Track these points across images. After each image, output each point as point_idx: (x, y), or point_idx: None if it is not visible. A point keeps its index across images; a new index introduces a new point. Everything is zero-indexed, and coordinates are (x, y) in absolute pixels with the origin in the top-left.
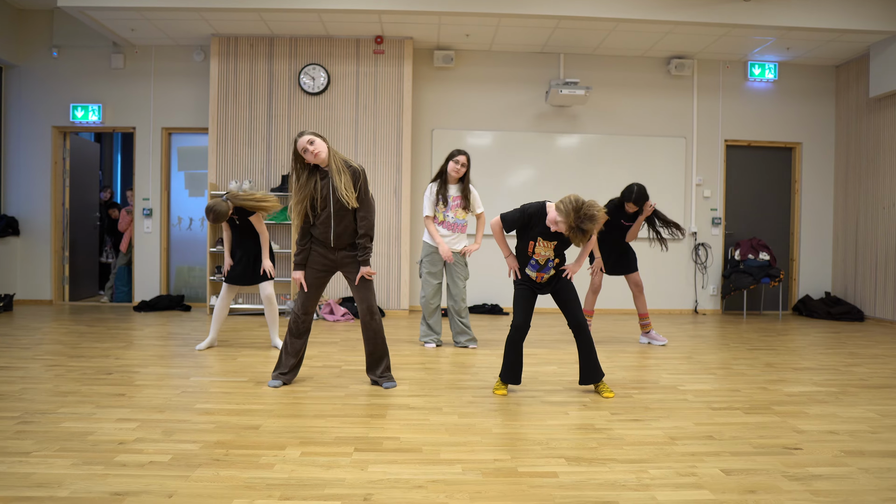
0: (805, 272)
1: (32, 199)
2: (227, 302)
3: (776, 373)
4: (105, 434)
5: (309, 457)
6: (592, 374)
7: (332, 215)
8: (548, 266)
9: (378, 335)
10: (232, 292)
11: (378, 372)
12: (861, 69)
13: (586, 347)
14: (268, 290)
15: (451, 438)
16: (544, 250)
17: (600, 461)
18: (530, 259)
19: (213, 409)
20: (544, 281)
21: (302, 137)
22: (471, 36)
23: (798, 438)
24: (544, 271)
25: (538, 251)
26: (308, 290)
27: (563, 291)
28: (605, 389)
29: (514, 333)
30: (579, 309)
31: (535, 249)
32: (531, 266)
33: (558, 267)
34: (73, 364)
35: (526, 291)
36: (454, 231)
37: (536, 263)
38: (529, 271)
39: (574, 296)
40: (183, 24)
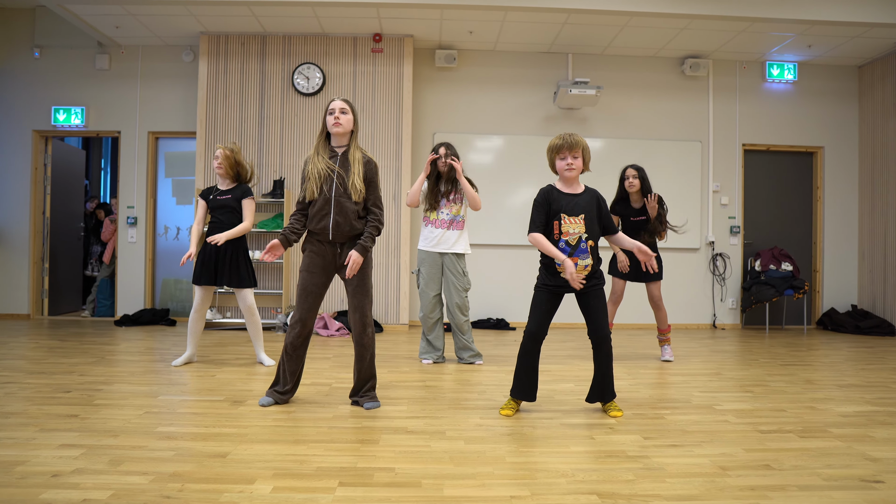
0: (829, 284)
1: (10, 207)
2: (203, 310)
3: (820, 390)
4: (39, 464)
5: (282, 493)
6: (605, 393)
7: (333, 201)
8: (581, 246)
9: (368, 352)
10: (206, 298)
11: (360, 392)
12: (886, 68)
13: (605, 362)
14: (248, 299)
15: (456, 470)
16: (572, 227)
17: (641, 498)
18: (559, 243)
19: (175, 434)
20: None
21: (336, 101)
22: (474, 34)
23: (874, 469)
24: (579, 254)
25: (565, 230)
26: (307, 299)
27: (591, 297)
28: (614, 408)
29: (527, 342)
30: (605, 319)
31: (561, 229)
32: (562, 251)
33: (594, 251)
34: (29, 381)
35: (546, 296)
36: (450, 228)
37: (567, 245)
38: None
39: (603, 304)
40: (170, 21)
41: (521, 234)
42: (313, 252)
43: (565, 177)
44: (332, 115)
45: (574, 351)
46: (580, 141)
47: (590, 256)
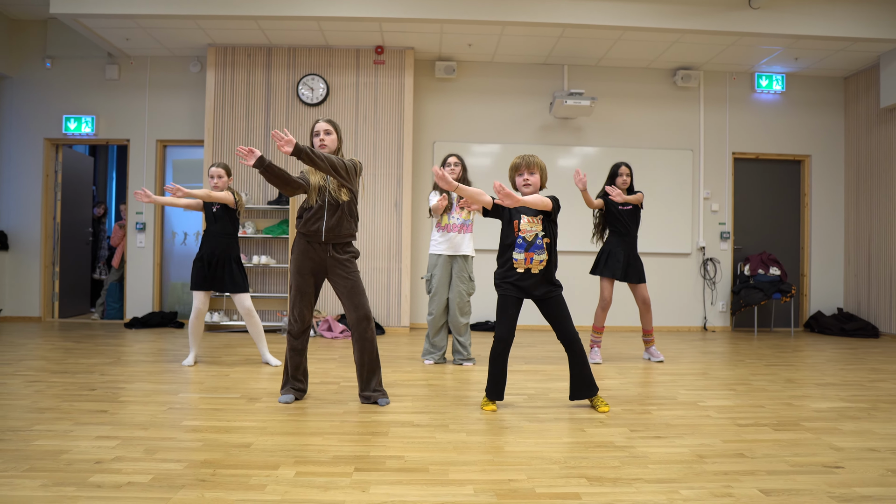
0: (816, 288)
1: (22, 212)
2: (202, 313)
3: (799, 389)
4: (81, 453)
5: (304, 477)
6: (586, 389)
7: (326, 207)
8: (537, 242)
9: (372, 347)
10: (204, 302)
11: (371, 387)
12: (870, 80)
13: (578, 361)
14: (245, 302)
15: (459, 457)
16: (530, 226)
17: (625, 481)
18: (517, 239)
19: (201, 427)
20: (535, 270)
21: (320, 122)
22: (473, 46)
23: (837, 456)
24: (534, 250)
25: (524, 227)
26: (302, 298)
27: (553, 306)
28: (601, 403)
29: (498, 346)
30: (570, 322)
31: (520, 227)
32: (518, 247)
33: (549, 248)
34: (55, 380)
35: (510, 299)
36: (461, 232)
37: (524, 241)
38: (517, 254)
39: (564, 311)
40: (179, 34)
41: None
42: (303, 254)
43: (523, 192)
44: (318, 137)
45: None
46: (538, 161)
47: (545, 252)
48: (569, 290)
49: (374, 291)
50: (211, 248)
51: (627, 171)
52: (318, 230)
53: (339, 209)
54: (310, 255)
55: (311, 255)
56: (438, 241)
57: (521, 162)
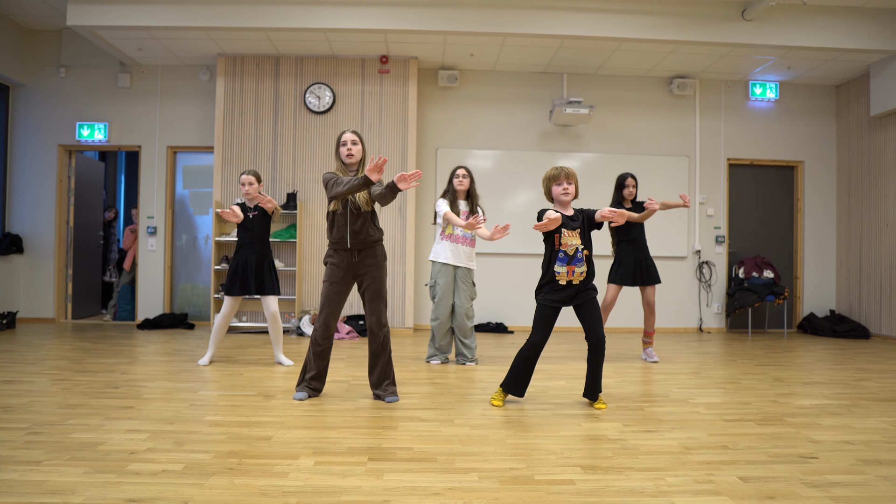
0: (809, 290)
1: (37, 216)
2: (230, 317)
3: (786, 387)
4: (116, 444)
5: (323, 466)
6: (595, 391)
7: (348, 215)
8: (577, 256)
9: (386, 348)
10: (235, 307)
11: (383, 386)
12: (861, 88)
13: (598, 363)
14: (273, 306)
15: (465, 448)
16: (570, 240)
17: (616, 469)
18: (558, 254)
19: (223, 421)
20: (577, 282)
21: (347, 133)
22: (475, 56)
23: (813, 448)
24: (575, 263)
25: (564, 241)
26: (329, 306)
27: (586, 307)
28: (599, 401)
29: (529, 349)
30: (601, 325)
31: (561, 241)
32: (560, 261)
33: (588, 260)
34: (80, 378)
35: (549, 310)
36: (464, 243)
37: (566, 255)
38: (560, 267)
39: (597, 313)
40: (190, 44)
41: (519, 244)
42: (334, 264)
43: (562, 201)
44: (345, 147)
45: (567, 353)
46: (573, 172)
47: (584, 264)
48: None
49: None
50: (247, 253)
51: (633, 183)
52: (343, 237)
53: (360, 216)
54: (340, 264)
55: (341, 264)
56: (442, 250)
57: (559, 173)
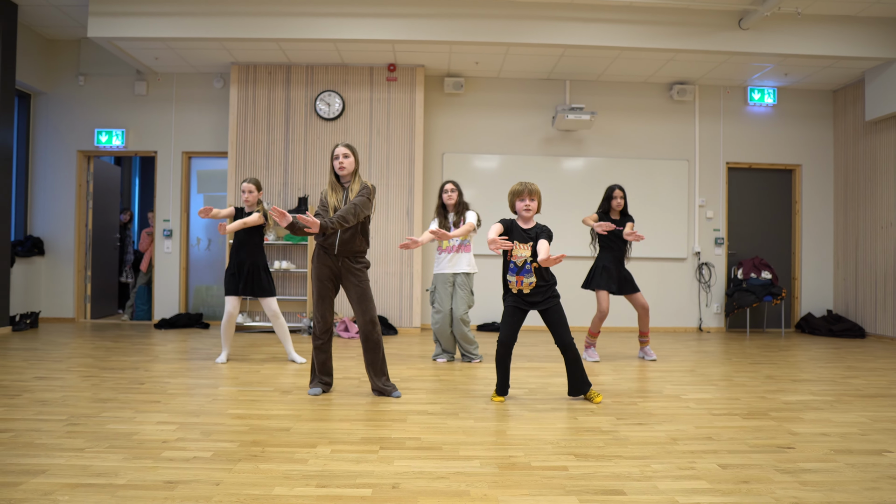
0: (807, 291)
1: (57, 220)
2: (233, 316)
3: (775, 384)
4: (148, 434)
5: (339, 453)
6: (581, 386)
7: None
8: (526, 268)
9: (380, 346)
10: (236, 306)
11: (382, 382)
12: (857, 93)
13: (573, 364)
14: (272, 306)
15: (468, 439)
16: (521, 251)
17: (606, 457)
18: (509, 264)
19: (244, 414)
20: (527, 290)
21: (339, 147)
22: (480, 64)
23: (792, 439)
24: (523, 274)
25: (515, 253)
26: (322, 302)
27: (552, 314)
28: (595, 395)
29: (500, 349)
30: (566, 330)
31: (512, 252)
32: (511, 271)
33: (537, 272)
34: (107, 375)
35: (512, 308)
36: (459, 251)
37: (515, 266)
38: (510, 277)
39: (562, 319)
40: (204, 53)
41: None
42: (322, 263)
43: (523, 216)
44: (337, 161)
45: None
46: (537, 189)
47: (533, 276)
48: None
49: (387, 294)
50: (241, 257)
51: (621, 195)
52: (333, 244)
53: (351, 228)
54: (326, 263)
55: (327, 262)
56: (439, 262)
57: (522, 189)
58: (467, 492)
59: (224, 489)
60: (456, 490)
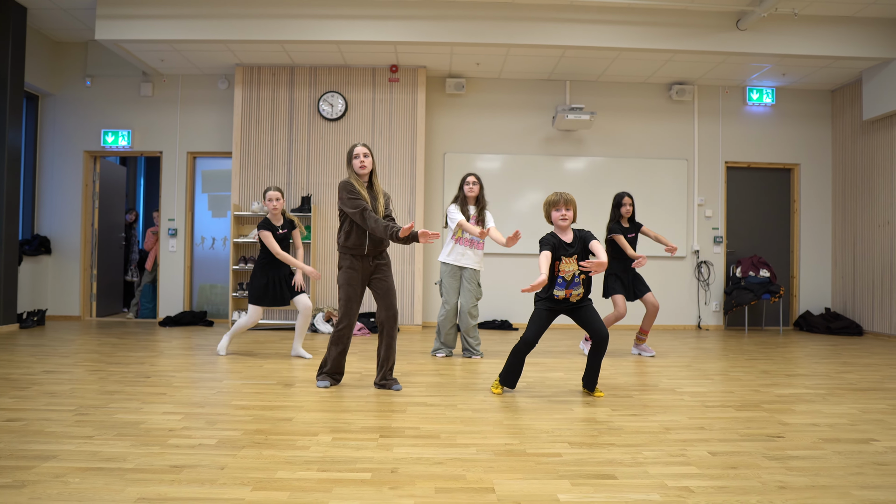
0: (805, 288)
1: (64, 219)
2: (254, 324)
3: (770, 378)
4: (155, 423)
5: (340, 441)
6: (594, 381)
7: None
8: (575, 281)
9: (394, 342)
10: (261, 315)
11: (389, 376)
12: (855, 93)
13: (599, 357)
14: (307, 301)
15: (465, 428)
16: (568, 266)
17: (600, 445)
18: (557, 278)
19: (248, 405)
20: (574, 300)
21: (359, 146)
22: (481, 64)
23: (782, 429)
24: (573, 287)
25: (563, 268)
26: (353, 306)
27: (584, 311)
28: (597, 390)
29: (522, 345)
30: (602, 324)
31: (560, 267)
32: (559, 285)
33: (585, 282)
34: (113, 369)
35: (544, 312)
36: (472, 247)
37: (563, 281)
38: (558, 291)
39: (594, 315)
40: (209, 55)
41: (523, 244)
42: (351, 268)
43: (560, 226)
44: (358, 160)
45: (567, 348)
46: (573, 199)
47: (581, 287)
48: None
49: None
50: (278, 266)
51: (630, 202)
52: (362, 244)
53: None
54: (356, 267)
55: (357, 267)
56: (452, 252)
57: (559, 199)
58: (463, 476)
59: (228, 472)
60: (452, 474)
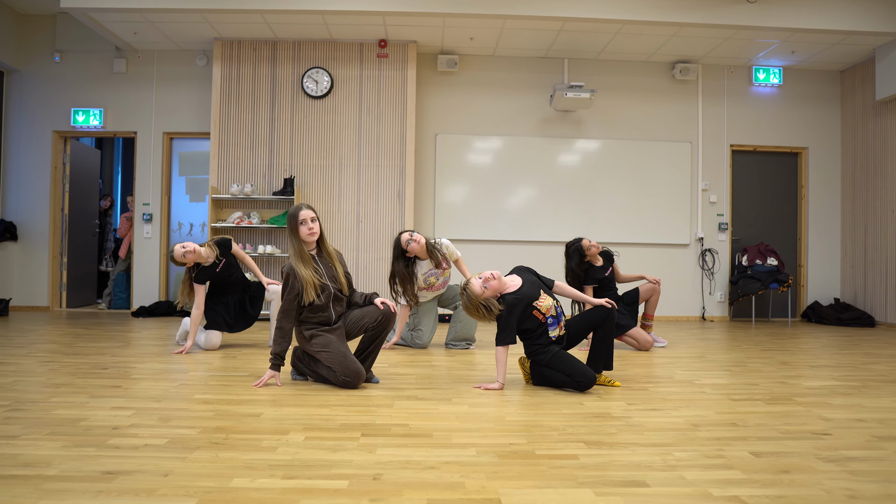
0: (813, 278)
1: (31, 204)
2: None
3: (793, 370)
4: (98, 420)
5: (314, 441)
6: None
7: (332, 299)
8: (559, 314)
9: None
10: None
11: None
12: (866, 73)
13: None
14: (277, 289)
15: (462, 425)
16: (545, 302)
17: (622, 445)
18: (546, 322)
19: (212, 399)
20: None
21: (304, 209)
22: (475, 40)
23: (826, 425)
24: (560, 318)
25: (545, 309)
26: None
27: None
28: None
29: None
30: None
31: (541, 312)
32: (551, 326)
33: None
34: (68, 360)
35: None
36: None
37: (553, 319)
38: (553, 331)
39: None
40: (186, 27)
41: (517, 230)
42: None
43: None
44: (305, 226)
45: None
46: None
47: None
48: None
49: (376, 280)
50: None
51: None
52: (329, 318)
53: (341, 300)
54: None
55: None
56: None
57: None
58: (461, 483)
59: (172, 481)
60: (448, 482)
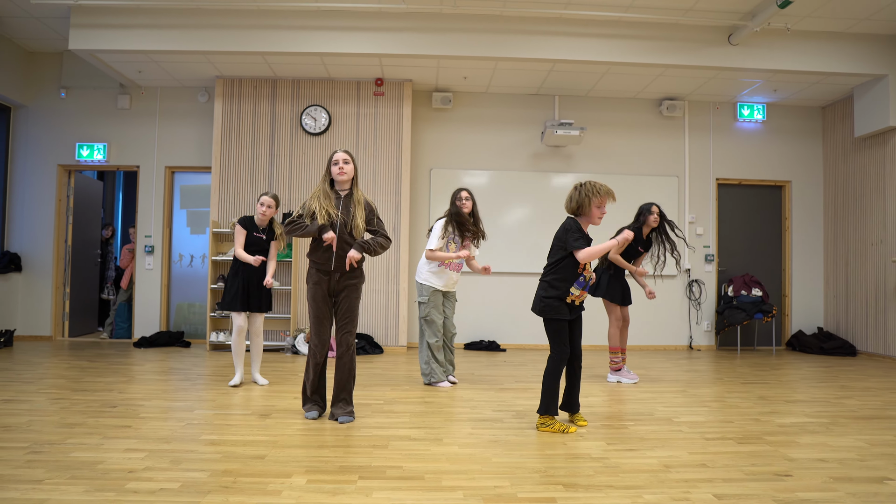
0: (797, 308)
1: (36, 235)
2: (243, 331)
3: (769, 405)
4: (114, 463)
5: (315, 484)
6: (574, 404)
7: (337, 239)
8: (590, 283)
9: (348, 365)
10: (246, 319)
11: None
12: (846, 110)
13: (577, 377)
14: (260, 321)
15: (452, 467)
16: (591, 269)
17: (597, 487)
18: (579, 276)
19: (218, 440)
20: (577, 303)
21: (339, 152)
22: (468, 78)
23: (788, 466)
24: (588, 289)
25: (588, 270)
26: (320, 323)
27: (576, 323)
28: (580, 419)
29: (559, 360)
30: (580, 342)
31: (585, 267)
32: (578, 284)
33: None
34: (78, 398)
35: (564, 323)
36: (455, 270)
37: (584, 281)
38: (575, 290)
39: (581, 330)
40: (188, 67)
41: (511, 262)
42: (315, 283)
43: (596, 223)
44: (337, 166)
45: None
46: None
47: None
48: None
49: (373, 312)
50: (251, 271)
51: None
52: (329, 259)
53: (350, 243)
54: (321, 283)
55: (322, 283)
56: (433, 274)
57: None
58: None
59: None
60: None
